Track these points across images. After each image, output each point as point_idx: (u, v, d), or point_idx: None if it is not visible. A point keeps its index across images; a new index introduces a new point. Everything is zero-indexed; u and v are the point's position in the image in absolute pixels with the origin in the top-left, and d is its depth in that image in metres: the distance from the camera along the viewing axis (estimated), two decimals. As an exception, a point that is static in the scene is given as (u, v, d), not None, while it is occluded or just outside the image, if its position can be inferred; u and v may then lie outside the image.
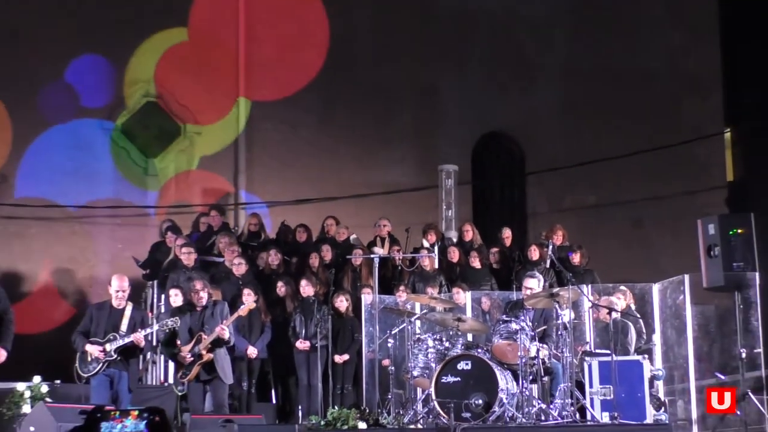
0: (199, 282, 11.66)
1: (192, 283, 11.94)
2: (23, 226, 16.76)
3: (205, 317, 11.46)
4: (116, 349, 10.73)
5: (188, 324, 11.43)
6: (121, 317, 10.93)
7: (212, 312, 11.52)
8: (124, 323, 10.90)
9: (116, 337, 10.74)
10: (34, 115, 17.09)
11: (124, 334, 10.73)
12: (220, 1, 18.02)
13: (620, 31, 19.07)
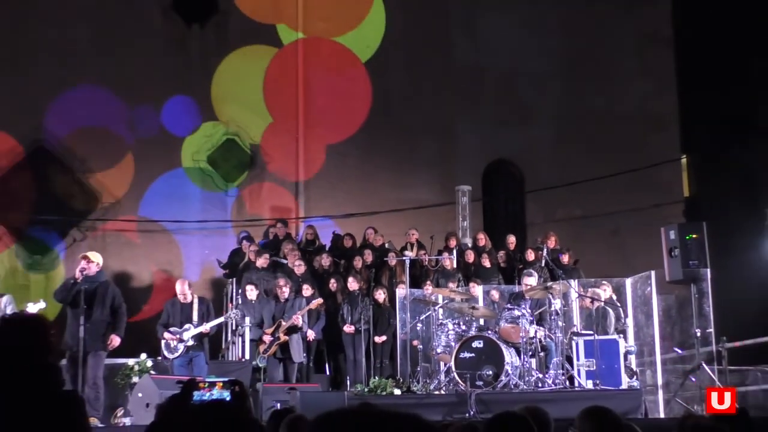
0: (283, 280, 12.14)
1: (277, 280, 12.23)
2: (131, 238, 16.88)
3: (286, 308, 11.71)
4: (192, 337, 10.94)
5: (272, 312, 11.70)
6: (191, 309, 11.14)
7: (292, 304, 11.75)
8: (195, 314, 11.12)
9: (190, 327, 10.97)
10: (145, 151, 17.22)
11: (197, 324, 10.97)
12: (287, 60, 18.02)
13: (600, 81, 18.96)
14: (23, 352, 3.47)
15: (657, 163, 18.30)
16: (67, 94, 16.80)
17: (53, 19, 17.08)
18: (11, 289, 12.77)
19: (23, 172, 16.90)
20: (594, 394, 10.82)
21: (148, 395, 9.98)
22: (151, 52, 17.48)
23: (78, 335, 10.00)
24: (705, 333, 12.11)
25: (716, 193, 20.42)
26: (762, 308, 17.54)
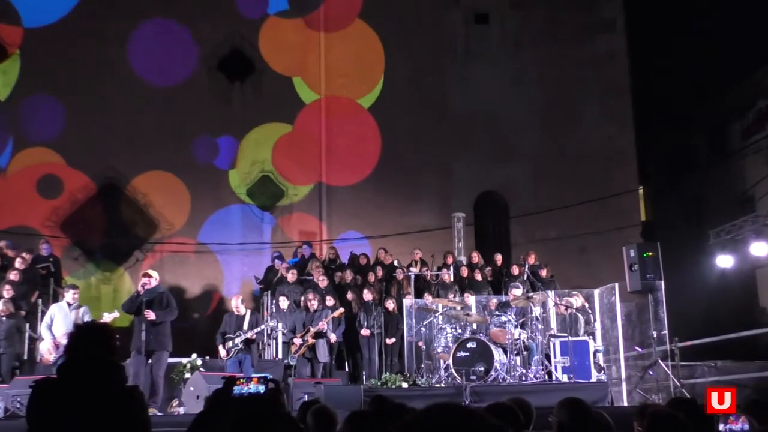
0: (312, 293, 12.18)
1: (307, 294, 12.29)
2: (184, 257, 16.90)
3: (314, 317, 11.73)
4: (241, 341, 10.94)
5: (302, 319, 11.76)
6: (243, 320, 11.18)
7: (319, 314, 11.79)
8: (246, 324, 11.14)
9: (241, 333, 10.99)
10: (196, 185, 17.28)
11: (246, 331, 10.99)
12: (312, 113, 18.10)
13: (570, 125, 18.94)
14: (94, 354, 3.47)
15: (618, 193, 18.29)
16: (132, 140, 16.89)
17: (121, 75, 17.18)
18: (85, 301, 12.77)
19: (95, 204, 17.01)
20: (568, 386, 10.75)
21: (198, 389, 9.96)
22: (201, 104, 17.56)
23: (141, 338, 10.03)
24: (660, 334, 12.13)
25: (668, 218, 20.47)
26: (707, 313, 17.54)
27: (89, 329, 3.62)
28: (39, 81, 16.96)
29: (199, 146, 17.36)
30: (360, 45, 18.57)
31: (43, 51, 17.04)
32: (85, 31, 17.15)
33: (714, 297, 18.48)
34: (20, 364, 11.85)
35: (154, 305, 10.30)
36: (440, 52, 18.95)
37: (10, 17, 17.10)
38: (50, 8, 17.21)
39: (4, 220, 15.88)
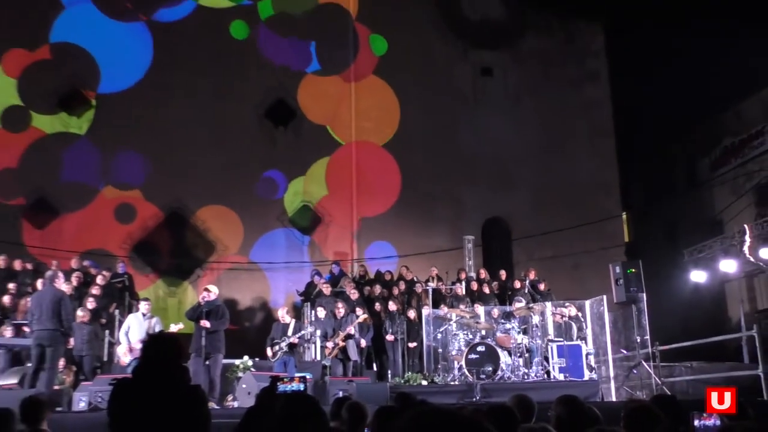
0: (340, 302, 12.09)
1: (336, 303, 12.24)
2: (239, 274, 16.96)
3: (342, 322, 11.68)
4: (286, 345, 10.93)
5: (333, 326, 11.71)
6: (288, 327, 11.18)
7: (345, 319, 11.75)
8: (290, 330, 11.13)
9: (285, 339, 10.98)
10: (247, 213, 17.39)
11: (290, 337, 10.98)
12: (344, 153, 18.24)
13: (563, 160, 18.94)
14: (164, 358, 3.50)
15: (604, 218, 18.26)
16: (194, 177, 17.05)
17: (183, 121, 17.35)
18: (154, 312, 12.83)
19: (163, 230, 17.14)
20: (564, 384, 10.72)
21: (249, 386, 9.95)
22: (251, 145, 17.70)
23: (200, 342, 10.07)
24: (643, 339, 12.02)
25: (648, 239, 20.36)
26: (683, 321, 17.36)
27: (161, 338, 3.65)
28: (121, 132, 17.08)
29: (249, 181, 17.47)
30: (383, 95, 18.69)
31: (121, 106, 17.22)
32: (157, 90, 17.35)
33: (689, 307, 18.33)
34: (100, 365, 11.93)
35: (211, 315, 10.34)
36: (452, 99, 19.06)
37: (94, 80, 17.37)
38: (128, 74, 17.46)
39: (88, 244, 16.03)
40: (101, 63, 17.40)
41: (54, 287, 9.69)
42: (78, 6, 17.55)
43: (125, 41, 17.65)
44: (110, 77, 17.40)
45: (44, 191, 16.59)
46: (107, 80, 17.39)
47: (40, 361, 9.34)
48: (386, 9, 18.85)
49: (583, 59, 20.00)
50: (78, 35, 17.37)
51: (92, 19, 17.55)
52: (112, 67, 17.44)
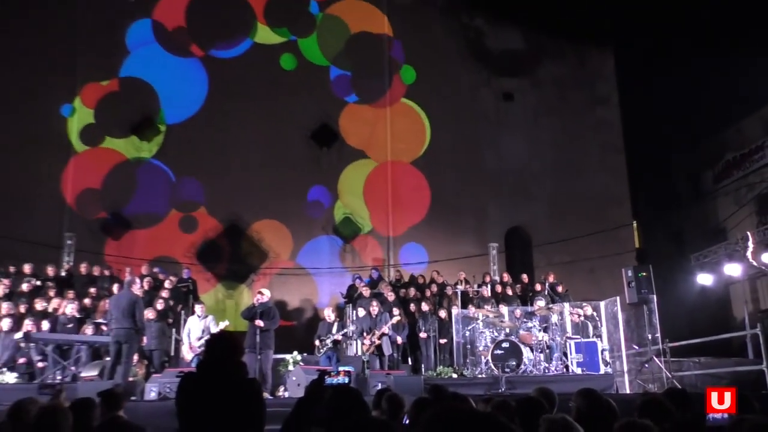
0: (375, 302, 11.98)
1: (371, 302, 12.20)
2: (288, 278, 17.04)
3: (377, 321, 11.63)
4: (331, 341, 10.95)
5: (369, 324, 11.65)
6: (332, 326, 11.21)
7: (380, 318, 11.70)
8: (334, 328, 11.15)
9: (330, 336, 10.99)
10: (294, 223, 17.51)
11: (334, 334, 11.00)
12: (381, 170, 18.26)
13: (577, 175, 18.74)
14: (225, 355, 3.52)
15: (617, 227, 18.00)
16: (248, 193, 17.23)
17: (239, 144, 17.55)
18: (213, 312, 13.01)
19: (221, 240, 17.32)
20: (582, 377, 10.53)
21: (299, 378, 9.98)
22: (299, 163, 17.82)
23: (255, 339, 10.13)
24: (654, 337, 11.81)
25: (657, 246, 19.99)
26: (691, 320, 17.00)
27: (222, 337, 3.69)
28: (185, 155, 17.37)
29: (297, 196, 17.57)
30: (415, 119, 18.71)
31: (185, 132, 17.52)
32: (216, 116, 17.59)
33: (696, 307, 17.97)
34: (168, 359, 12.08)
35: (264, 315, 10.41)
36: (477, 122, 18.99)
37: (160, 109, 17.68)
38: (191, 103, 17.74)
39: (157, 252, 16.30)
40: (166, 94, 17.73)
41: (130, 291, 9.87)
42: (144, 47, 17.89)
43: (186, 74, 17.92)
44: (175, 106, 17.70)
45: (120, 207, 16.92)
46: (173, 109, 17.70)
47: (118, 356, 9.49)
48: (417, 42, 18.90)
49: (594, 83, 19.79)
50: (145, 70, 17.71)
51: (157, 56, 17.89)
52: (176, 97, 17.74)
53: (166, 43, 18.01)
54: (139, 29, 17.93)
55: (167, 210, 17.12)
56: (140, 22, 17.95)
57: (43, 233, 15.76)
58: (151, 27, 17.99)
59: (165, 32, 18.01)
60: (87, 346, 11.10)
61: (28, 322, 10.98)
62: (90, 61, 17.43)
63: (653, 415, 3.68)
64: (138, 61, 17.80)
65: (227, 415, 3.38)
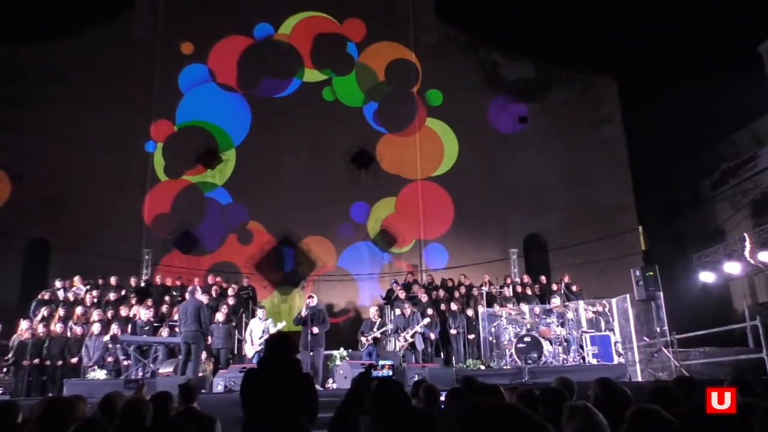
0: (407, 304, 11.87)
1: (404, 304, 12.09)
2: (332, 283, 17.09)
3: (409, 320, 11.51)
4: (372, 338, 10.88)
5: (403, 323, 11.53)
6: (374, 324, 11.14)
7: (412, 318, 11.60)
8: (376, 327, 11.06)
9: (372, 333, 10.92)
10: (338, 235, 17.57)
11: (374, 332, 10.93)
12: (412, 189, 18.22)
13: (587, 186, 18.38)
14: (283, 352, 3.54)
15: (624, 232, 17.63)
16: (298, 210, 17.38)
17: (289, 168, 17.75)
18: (270, 315, 13.08)
19: (275, 251, 17.48)
20: (597, 367, 10.27)
21: (345, 371, 9.98)
22: (341, 183, 17.93)
23: (307, 339, 10.17)
24: (662, 329, 11.51)
25: (662, 248, 19.57)
26: (695, 314, 16.52)
27: (279, 337, 3.71)
28: (243, 179, 17.64)
29: (340, 211, 17.63)
30: (442, 141, 18.66)
31: (242, 159, 17.80)
32: (269, 145, 17.83)
33: (699, 302, 17.48)
34: (232, 356, 12.17)
35: (314, 318, 10.45)
36: (496, 143, 18.85)
37: (222, 140, 18.03)
38: (248, 133, 18.02)
39: (220, 264, 16.56)
40: (226, 127, 18.06)
41: (195, 298, 10.01)
42: (201, 88, 18.29)
43: (243, 109, 18.23)
44: (234, 137, 18.01)
45: (189, 227, 17.24)
46: (232, 139, 18.02)
47: (188, 354, 9.61)
48: (442, 75, 18.90)
49: (599, 105, 19.48)
50: (204, 108, 18.09)
51: (215, 96, 18.27)
52: (233, 130, 18.04)
53: (222, 84, 18.38)
54: (194, 72, 18.32)
55: (229, 227, 17.35)
56: (195, 67, 18.35)
57: (125, 250, 16.14)
58: (207, 71, 18.37)
59: (220, 75, 18.36)
60: (163, 346, 11.27)
61: (115, 327, 11.21)
62: (161, 102, 17.90)
63: (664, 401, 3.56)
64: (196, 99, 18.16)
65: (285, 404, 3.38)
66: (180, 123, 17.94)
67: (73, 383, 9.64)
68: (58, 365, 11.06)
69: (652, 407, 3.12)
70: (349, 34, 18.94)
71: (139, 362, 10.88)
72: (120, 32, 18.32)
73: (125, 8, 18.66)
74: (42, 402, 3.45)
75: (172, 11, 18.58)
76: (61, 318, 11.68)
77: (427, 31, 19.35)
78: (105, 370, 10.77)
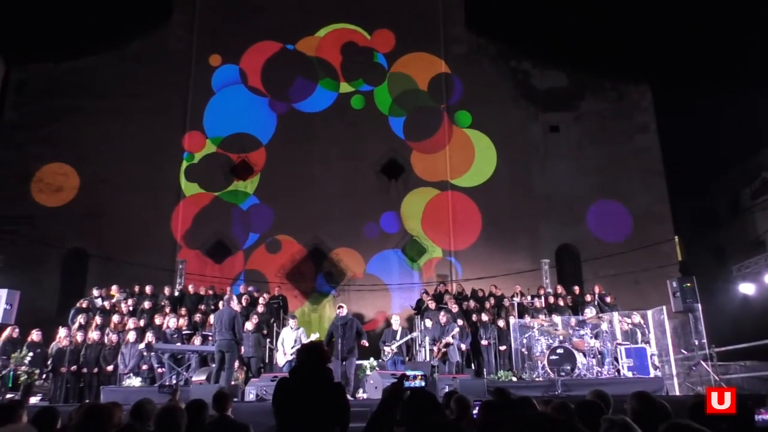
0: (443, 312, 11.84)
1: (440, 313, 12.07)
2: (363, 293, 17.08)
3: (444, 330, 11.49)
4: (395, 347, 10.86)
5: (435, 334, 11.49)
6: (397, 333, 11.13)
7: (447, 328, 11.54)
8: (398, 336, 11.06)
9: (394, 342, 10.92)
10: (368, 245, 17.58)
11: (397, 341, 10.90)
12: (442, 197, 18.14)
13: (621, 195, 18.10)
14: (315, 362, 3.55)
15: (659, 242, 17.25)
16: (327, 220, 17.47)
17: (319, 178, 17.87)
18: (302, 324, 13.15)
19: (306, 262, 17.58)
20: (633, 380, 10.06)
21: (375, 382, 9.94)
22: (371, 193, 17.97)
23: (339, 348, 10.17)
24: (701, 342, 11.18)
25: (698, 259, 19.08)
26: (735, 326, 16.00)
27: (312, 346, 3.72)
28: (273, 190, 17.84)
29: (370, 221, 17.65)
30: (473, 152, 18.57)
31: (272, 170, 17.98)
32: (299, 156, 17.98)
33: (739, 314, 16.93)
34: (263, 365, 12.26)
35: (346, 327, 10.46)
36: (527, 152, 18.68)
37: (255, 145, 18.25)
38: (279, 145, 18.19)
39: (252, 274, 16.76)
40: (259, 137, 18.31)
41: (230, 307, 10.11)
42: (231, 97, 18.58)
43: (274, 122, 18.46)
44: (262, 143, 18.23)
45: (221, 236, 17.48)
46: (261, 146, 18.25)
47: (221, 363, 9.71)
48: (473, 85, 18.85)
49: (633, 114, 19.16)
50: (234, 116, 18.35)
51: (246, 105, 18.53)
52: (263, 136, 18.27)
53: (252, 87, 18.66)
54: (226, 73, 18.63)
55: (259, 237, 17.53)
56: (228, 68, 18.68)
57: (159, 259, 16.45)
58: (239, 72, 18.68)
59: (251, 79, 18.64)
60: (196, 355, 11.42)
61: (149, 335, 11.41)
62: (195, 114, 18.27)
63: (705, 417, 3.45)
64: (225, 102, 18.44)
65: (318, 413, 3.39)
66: (213, 137, 18.22)
67: (109, 390, 9.84)
68: (95, 372, 11.30)
69: (684, 422, 3.03)
70: (378, 46, 19.07)
71: (173, 370, 11.03)
72: (156, 46, 18.80)
73: (162, 23, 19.14)
74: (80, 408, 3.52)
75: (207, 26, 18.99)
76: (97, 326, 11.95)
77: (457, 42, 19.36)
78: (140, 377, 10.95)
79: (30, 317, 13.19)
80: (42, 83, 18.47)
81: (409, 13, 19.31)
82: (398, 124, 18.59)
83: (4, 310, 11.28)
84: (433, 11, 19.43)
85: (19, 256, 16.10)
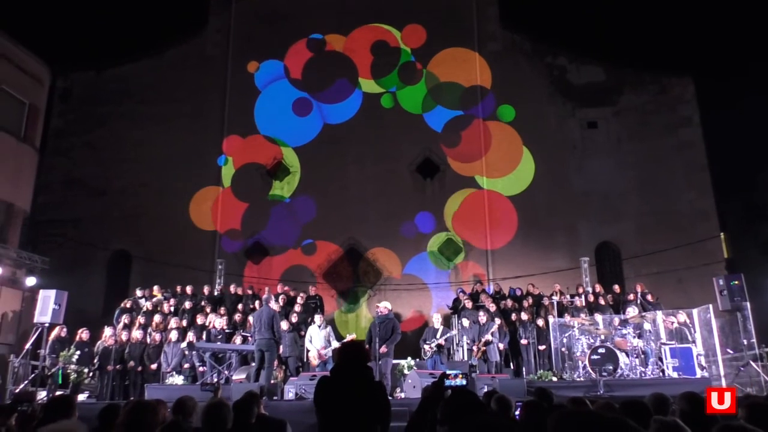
0: (482, 311, 11.77)
1: (478, 313, 11.99)
2: (399, 292, 17.04)
3: (483, 329, 11.42)
4: (434, 345, 10.82)
5: (477, 331, 11.49)
6: (437, 332, 11.06)
7: (486, 327, 11.46)
8: (439, 334, 10.98)
9: (434, 340, 10.86)
10: (404, 245, 17.57)
11: (438, 339, 10.83)
12: (478, 196, 18.00)
13: (662, 193, 17.63)
14: (356, 361, 3.56)
15: (704, 239, 16.75)
16: (363, 220, 17.52)
17: (354, 179, 17.94)
18: (339, 324, 13.21)
19: (342, 262, 17.66)
20: (679, 381, 9.76)
21: (413, 381, 9.93)
22: (406, 194, 17.94)
23: (375, 349, 10.18)
24: (750, 342, 10.79)
25: (746, 255, 18.44)
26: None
27: (353, 345, 3.74)
28: (309, 191, 17.97)
29: (406, 220, 17.62)
30: (509, 149, 18.36)
31: (309, 171, 18.14)
32: (335, 157, 18.09)
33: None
34: (301, 364, 12.36)
35: (381, 327, 10.45)
36: (564, 149, 18.38)
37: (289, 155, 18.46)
38: (315, 148, 18.35)
39: (289, 274, 16.93)
40: (290, 142, 18.46)
41: (269, 307, 10.24)
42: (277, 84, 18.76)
43: (309, 126, 18.62)
44: (300, 153, 18.40)
45: (259, 237, 17.72)
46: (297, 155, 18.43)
47: (261, 362, 9.84)
48: (508, 82, 18.65)
49: (675, 107, 18.63)
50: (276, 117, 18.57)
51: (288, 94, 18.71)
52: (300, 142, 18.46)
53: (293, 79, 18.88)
54: (271, 68, 18.89)
55: (296, 237, 17.70)
56: (271, 63, 18.90)
57: (199, 260, 16.78)
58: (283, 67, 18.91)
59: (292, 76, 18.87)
60: (236, 354, 11.59)
61: (191, 334, 11.64)
62: (233, 118, 18.56)
63: (760, 420, 3.32)
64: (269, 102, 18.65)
65: (360, 411, 3.40)
66: (250, 139, 18.48)
67: (153, 387, 10.08)
68: (139, 371, 11.58)
69: (737, 424, 2.92)
70: (411, 45, 19.02)
71: (214, 369, 11.22)
72: (194, 52, 19.20)
73: (199, 29, 19.52)
74: (127, 405, 3.61)
75: (243, 31, 19.28)
76: (141, 325, 12.25)
77: (492, 38, 19.17)
78: (182, 375, 11.17)
79: (77, 317, 13.64)
80: (85, 91, 19.09)
81: (443, 12, 19.22)
82: (434, 121, 18.49)
83: (53, 310, 11.67)
84: (467, 9, 19.29)
85: (66, 258, 16.67)
